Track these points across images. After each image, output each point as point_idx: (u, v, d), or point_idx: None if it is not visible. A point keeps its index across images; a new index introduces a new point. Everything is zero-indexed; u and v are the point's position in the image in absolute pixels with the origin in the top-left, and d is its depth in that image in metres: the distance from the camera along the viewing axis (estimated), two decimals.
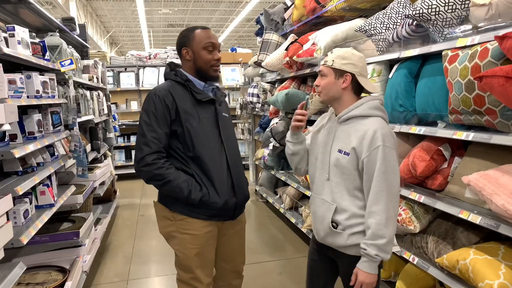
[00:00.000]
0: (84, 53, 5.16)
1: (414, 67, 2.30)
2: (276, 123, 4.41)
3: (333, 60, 1.69)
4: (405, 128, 2.29)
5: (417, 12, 2.02)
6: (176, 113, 1.85)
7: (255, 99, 5.35)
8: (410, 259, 2.31)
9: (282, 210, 4.61)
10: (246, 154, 7.57)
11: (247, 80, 6.24)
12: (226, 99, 7.93)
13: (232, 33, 18.87)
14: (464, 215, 1.87)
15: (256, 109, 5.55)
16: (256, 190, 6.03)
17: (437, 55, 2.13)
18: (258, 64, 4.67)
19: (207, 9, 15.29)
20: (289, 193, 4.50)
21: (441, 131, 2.03)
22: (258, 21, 5.49)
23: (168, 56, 7.88)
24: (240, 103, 6.11)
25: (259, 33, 5.64)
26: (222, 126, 1.95)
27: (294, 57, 3.74)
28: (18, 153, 1.98)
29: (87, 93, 4.09)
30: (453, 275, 2.00)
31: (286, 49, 4.03)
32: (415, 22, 2.17)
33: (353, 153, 1.64)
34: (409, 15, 2.07)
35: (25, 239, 2.00)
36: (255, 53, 6.08)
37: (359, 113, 1.68)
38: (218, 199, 1.87)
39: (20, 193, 1.97)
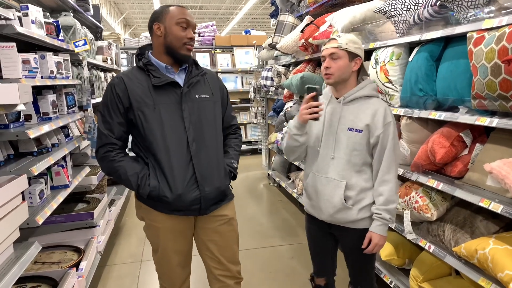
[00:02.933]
0: (98, 35, 5.13)
1: (435, 50, 2.21)
2: (290, 107, 4.35)
3: (346, 43, 1.78)
4: (424, 113, 2.22)
5: None
6: (128, 101, 1.74)
7: (269, 83, 5.28)
8: (426, 247, 2.27)
9: (295, 195, 4.59)
10: (259, 138, 7.54)
11: (261, 63, 6.15)
12: (239, 81, 7.97)
13: (246, 15, 18.61)
14: (485, 203, 1.82)
15: (270, 93, 5.48)
16: (268, 174, 6.02)
17: (461, 38, 2.04)
18: (272, 46, 4.59)
19: None
20: (302, 177, 4.47)
21: (463, 117, 1.96)
22: (273, 3, 5.38)
23: None
24: (254, 87, 6.05)
25: (274, 14, 5.53)
26: (189, 111, 1.79)
27: (310, 39, 3.65)
28: (33, 133, 1.98)
29: (101, 74, 4.08)
30: (471, 264, 1.96)
31: (302, 31, 3.94)
32: (438, 2, 2.08)
33: (366, 129, 1.77)
34: None
35: (40, 219, 2.02)
36: (269, 36, 5.98)
37: (366, 94, 1.83)
38: (169, 193, 1.74)
39: (35, 174, 1.98)
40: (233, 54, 7.88)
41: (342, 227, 1.89)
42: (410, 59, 2.37)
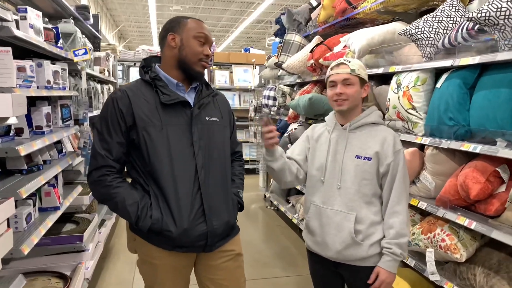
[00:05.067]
0: (96, 45, 4.93)
1: (470, 77, 2.06)
2: (295, 128, 4.17)
3: (358, 70, 1.72)
4: (455, 145, 2.05)
5: (483, 15, 1.79)
6: (132, 118, 1.53)
7: (271, 102, 5.11)
8: None
9: (295, 221, 4.36)
10: (255, 158, 7.35)
11: (262, 81, 6.00)
12: (236, 99, 7.81)
13: (241, 34, 18.66)
14: None
15: (272, 112, 5.31)
16: (265, 196, 5.80)
17: (501, 65, 1.89)
18: (278, 65, 4.44)
19: (218, 8, 15.10)
20: (303, 202, 4.26)
21: (504, 151, 1.78)
22: (278, 21, 5.26)
23: None
24: (254, 105, 5.88)
25: (279, 33, 5.41)
26: (198, 134, 1.60)
27: (321, 60, 3.51)
28: (24, 150, 1.74)
29: (98, 86, 3.86)
30: None
31: (311, 51, 3.80)
32: (476, 26, 1.93)
33: (375, 157, 1.69)
34: (472, 18, 1.83)
35: (26, 249, 1.76)
36: (268, 55, 5.85)
37: (373, 120, 1.77)
38: (173, 227, 1.52)
39: (24, 196, 1.73)
40: (231, 72, 7.75)
41: (351, 266, 1.73)
42: (438, 86, 2.22)
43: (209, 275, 1.70)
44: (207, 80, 1.74)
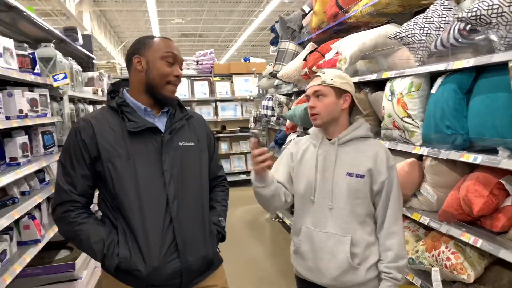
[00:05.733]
0: (89, 65, 4.88)
1: (465, 80, 1.90)
2: (293, 139, 4.03)
3: (331, 79, 1.60)
4: (454, 155, 1.88)
5: (473, 14, 1.63)
6: (97, 150, 1.43)
7: (269, 112, 4.99)
8: None
9: None
10: None
11: (261, 91, 5.89)
12: (238, 110, 7.68)
13: (245, 42, 18.61)
14: None
15: (271, 123, 5.19)
16: None
17: (498, 67, 1.73)
18: (273, 75, 4.32)
19: (220, 18, 15.08)
20: (292, 225, 4.10)
21: (506, 162, 1.62)
22: (273, 29, 5.15)
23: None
24: (254, 116, 5.76)
25: (274, 42, 5.31)
26: (170, 162, 1.48)
27: (314, 68, 3.37)
28: None
29: (89, 108, 3.78)
30: None
31: (305, 59, 3.67)
32: (468, 26, 1.78)
33: (368, 174, 1.57)
34: (462, 18, 1.68)
35: None
36: (269, 63, 5.74)
37: (362, 134, 1.64)
38: (142, 266, 1.40)
39: None
40: (232, 82, 7.66)
41: None
42: (433, 91, 2.06)
43: None
44: (207, 91, 1.59)
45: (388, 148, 2.48)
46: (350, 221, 1.58)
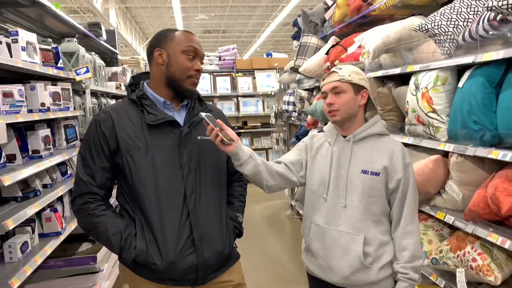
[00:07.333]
0: (113, 60, 4.95)
1: (495, 74, 1.80)
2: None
3: (349, 75, 1.57)
4: (482, 152, 1.80)
5: (505, 2, 1.54)
6: (116, 142, 1.43)
7: (291, 108, 4.94)
8: None
9: None
10: None
11: (282, 87, 5.83)
12: (260, 105, 7.67)
13: (268, 38, 18.55)
14: None
15: (292, 118, 5.14)
16: (291, 205, 5.61)
17: None
18: (294, 70, 4.26)
19: (243, 14, 15.07)
20: (302, 222, 4.04)
21: None
22: (295, 24, 5.09)
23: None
24: (275, 111, 5.72)
25: (296, 36, 5.24)
26: (188, 156, 1.47)
27: (336, 62, 3.30)
28: (8, 180, 1.66)
29: (112, 102, 3.84)
30: None
31: (327, 53, 3.60)
32: (499, 16, 1.68)
33: (384, 172, 1.55)
34: (493, 7, 1.59)
35: (16, 282, 1.68)
36: (292, 58, 5.67)
37: (378, 131, 1.62)
38: (158, 260, 1.40)
39: (10, 228, 1.66)
40: (254, 78, 7.64)
41: None
42: (460, 85, 1.97)
43: None
44: (229, 87, 1.58)
45: (412, 144, 2.44)
46: (364, 220, 1.55)
